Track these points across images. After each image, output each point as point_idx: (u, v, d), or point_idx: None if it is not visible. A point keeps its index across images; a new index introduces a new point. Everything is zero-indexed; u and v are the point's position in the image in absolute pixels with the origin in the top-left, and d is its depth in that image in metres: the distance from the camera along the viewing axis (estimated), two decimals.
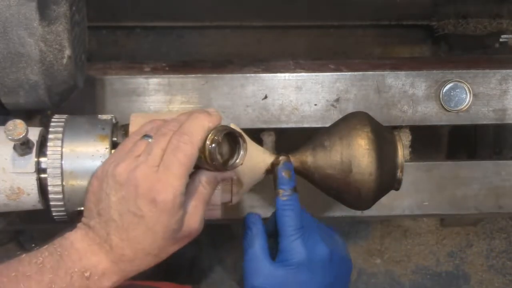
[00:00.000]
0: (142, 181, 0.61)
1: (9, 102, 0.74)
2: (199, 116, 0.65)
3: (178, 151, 0.62)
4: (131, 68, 0.96)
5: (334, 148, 0.74)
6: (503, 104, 0.98)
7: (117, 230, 0.62)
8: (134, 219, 0.61)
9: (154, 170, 0.61)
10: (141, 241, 0.62)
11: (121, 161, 0.63)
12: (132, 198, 0.61)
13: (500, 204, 1.00)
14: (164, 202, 0.60)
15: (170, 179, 0.61)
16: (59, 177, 0.69)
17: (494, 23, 1.36)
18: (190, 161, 0.62)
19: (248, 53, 1.54)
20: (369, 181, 0.73)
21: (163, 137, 0.64)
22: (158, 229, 0.62)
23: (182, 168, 0.61)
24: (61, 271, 0.61)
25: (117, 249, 0.62)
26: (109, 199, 0.63)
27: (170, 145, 0.62)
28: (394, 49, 1.61)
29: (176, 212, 0.62)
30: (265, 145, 0.95)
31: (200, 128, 0.64)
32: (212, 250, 1.66)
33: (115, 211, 0.62)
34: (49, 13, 0.69)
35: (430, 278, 1.74)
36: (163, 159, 0.62)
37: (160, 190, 0.60)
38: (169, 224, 0.62)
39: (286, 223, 0.71)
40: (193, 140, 0.62)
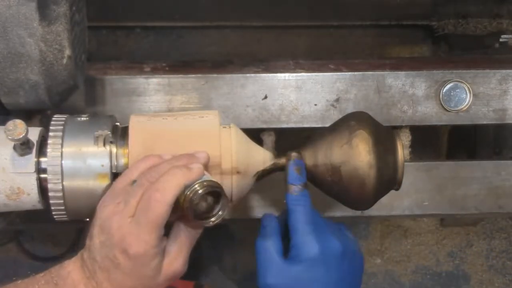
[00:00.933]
0: (116, 232, 0.63)
1: (9, 102, 0.74)
2: (176, 173, 0.65)
3: (148, 209, 0.63)
4: (131, 68, 0.96)
5: (334, 148, 0.74)
6: (503, 104, 0.98)
7: (100, 270, 0.64)
8: (112, 264, 0.63)
9: (127, 222, 0.63)
10: (122, 284, 0.64)
11: (108, 204, 0.65)
12: (109, 245, 0.63)
13: (500, 204, 0.99)
14: (136, 254, 0.62)
15: (140, 233, 0.62)
16: (59, 177, 0.69)
17: (494, 23, 1.36)
18: (160, 218, 0.63)
19: (248, 53, 1.54)
20: (369, 181, 0.73)
21: (140, 188, 0.64)
22: (135, 276, 0.64)
23: (152, 224, 0.63)
24: None
25: (102, 286, 0.64)
26: (95, 241, 0.65)
27: (142, 201, 0.63)
28: (394, 49, 1.61)
29: (149, 262, 0.64)
30: (265, 145, 0.95)
31: (174, 186, 0.64)
32: (212, 250, 1.66)
33: (98, 253, 0.64)
34: (49, 13, 0.69)
35: (430, 278, 1.74)
36: (137, 213, 0.63)
37: (131, 243, 0.62)
38: (144, 272, 0.64)
39: (297, 219, 0.71)
40: (165, 199, 0.63)
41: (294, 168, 0.74)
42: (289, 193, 0.73)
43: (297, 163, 0.75)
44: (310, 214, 0.72)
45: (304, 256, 0.69)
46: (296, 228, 0.71)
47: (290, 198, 0.73)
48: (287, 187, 0.73)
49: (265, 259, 0.71)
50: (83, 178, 0.70)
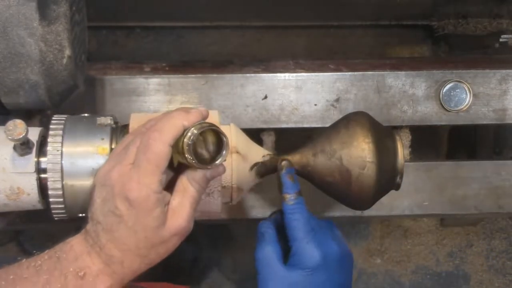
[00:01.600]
0: (116, 181, 0.62)
1: (9, 102, 0.74)
2: (174, 114, 0.64)
3: (147, 149, 0.61)
4: (131, 68, 0.96)
5: (334, 148, 0.74)
6: (503, 104, 0.98)
7: (103, 231, 0.63)
8: (115, 219, 0.62)
9: (127, 169, 0.62)
10: (126, 242, 0.62)
11: (107, 162, 0.65)
12: (111, 198, 0.62)
13: (500, 204, 1.00)
14: (138, 200, 0.61)
15: (141, 177, 0.61)
16: (59, 177, 0.69)
17: (494, 23, 1.35)
18: (159, 158, 0.61)
19: (248, 53, 1.54)
20: (369, 181, 0.73)
21: (140, 136, 0.64)
22: (138, 227, 0.62)
23: (151, 165, 0.61)
24: (57, 271, 0.62)
25: (106, 250, 0.63)
26: (96, 202, 0.64)
27: (141, 143, 0.62)
28: (394, 49, 1.61)
29: (153, 210, 0.62)
30: (265, 145, 0.95)
31: (172, 126, 0.63)
32: (212, 251, 1.66)
33: (100, 213, 0.63)
34: (49, 13, 0.69)
35: (430, 278, 1.74)
36: (136, 158, 0.62)
37: (132, 188, 0.61)
38: (147, 221, 0.62)
39: (296, 227, 0.71)
40: (163, 138, 0.62)
41: (288, 176, 0.74)
42: (286, 203, 0.73)
43: (289, 171, 0.75)
44: (308, 221, 0.72)
45: (306, 264, 0.70)
46: (295, 237, 0.71)
47: (288, 207, 0.72)
48: (282, 197, 0.73)
49: (267, 266, 0.70)
50: (83, 177, 0.70)
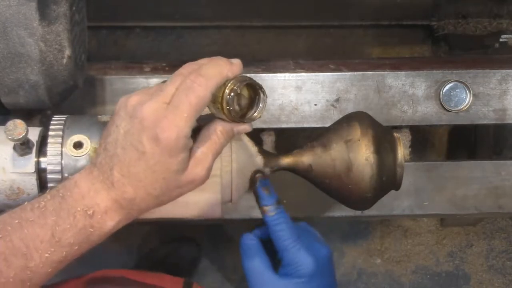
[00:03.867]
0: (148, 116, 0.58)
1: (9, 102, 0.74)
2: (220, 62, 0.62)
3: (190, 91, 0.59)
4: (131, 68, 0.96)
5: (334, 148, 0.74)
6: (503, 104, 0.98)
7: (119, 165, 0.60)
8: (136, 155, 0.59)
9: (162, 107, 0.59)
10: (142, 179, 0.60)
11: (134, 94, 0.61)
12: (136, 132, 0.59)
13: (500, 204, 0.99)
14: (167, 140, 0.58)
15: (176, 118, 0.58)
16: (59, 177, 0.69)
17: (494, 23, 1.36)
18: (200, 103, 0.59)
19: (248, 53, 1.54)
20: (369, 181, 0.73)
21: (179, 76, 0.61)
22: (159, 168, 0.59)
23: (190, 109, 0.59)
24: (64, 212, 0.59)
25: (118, 185, 0.60)
26: (118, 132, 0.60)
27: (183, 85, 0.59)
28: (394, 49, 1.61)
29: (178, 154, 0.59)
30: (265, 145, 0.95)
31: (218, 73, 0.61)
32: (212, 250, 1.66)
33: (119, 145, 0.60)
34: (49, 13, 0.69)
35: (430, 278, 1.74)
36: (174, 98, 0.59)
37: (164, 127, 0.58)
38: (170, 164, 0.59)
39: (282, 237, 0.70)
40: (208, 83, 0.60)
41: (263, 189, 0.73)
42: (267, 215, 0.71)
43: (263, 183, 0.73)
44: (293, 229, 0.71)
45: (302, 273, 0.69)
46: (285, 247, 0.70)
47: (270, 219, 0.71)
48: (261, 210, 0.72)
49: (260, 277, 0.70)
50: None
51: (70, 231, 0.59)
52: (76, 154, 0.70)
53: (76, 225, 0.59)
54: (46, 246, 0.58)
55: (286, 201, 0.96)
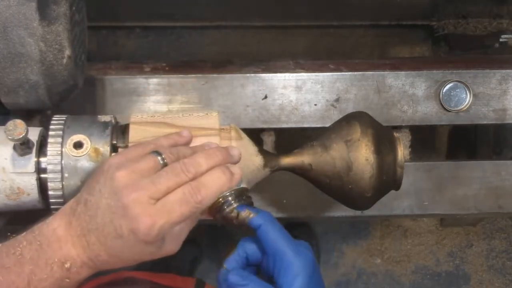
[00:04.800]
0: (133, 207, 0.58)
1: (9, 102, 0.74)
2: (222, 177, 0.62)
3: (186, 205, 0.59)
4: (131, 68, 0.96)
5: (334, 148, 0.74)
6: (503, 104, 0.98)
7: (97, 232, 0.60)
8: (114, 233, 0.60)
9: (151, 203, 0.59)
10: (117, 253, 0.61)
11: (124, 168, 0.60)
12: (118, 215, 0.59)
13: (500, 204, 0.99)
14: (145, 236, 0.59)
15: (162, 221, 0.58)
16: (59, 177, 0.69)
17: (494, 23, 1.36)
18: (192, 215, 0.61)
19: (248, 53, 1.55)
20: (369, 181, 0.73)
21: (176, 177, 0.60)
22: (136, 251, 0.61)
23: (180, 219, 0.60)
24: (41, 261, 0.60)
25: (93, 248, 0.61)
26: (100, 199, 0.60)
27: (180, 193, 0.60)
28: (394, 49, 1.61)
29: (155, 244, 0.61)
30: (265, 145, 0.95)
31: (217, 191, 0.61)
32: (212, 251, 1.66)
33: (100, 214, 0.60)
34: (49, 13, 0.69)
35: (430, 278, 1.74)
36: (167, 200, 0.59)
37: (147, 225, 0.58)
38: (145, 250, 0.61)
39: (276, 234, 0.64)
40: (204, 202, 0.60)
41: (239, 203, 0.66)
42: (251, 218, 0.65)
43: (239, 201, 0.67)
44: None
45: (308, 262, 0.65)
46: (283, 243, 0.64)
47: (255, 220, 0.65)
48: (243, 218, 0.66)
49: None
50: (83, 178, 0.70)
51: (46, 281, 0.60)
52: (76, 154, 0.70)
53: (53, 276, 0.60)
54: None
55: (286, 201, 0.96)
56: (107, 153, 0.71)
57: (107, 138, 0.72)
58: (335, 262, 1.71)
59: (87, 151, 0.70)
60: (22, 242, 0.61)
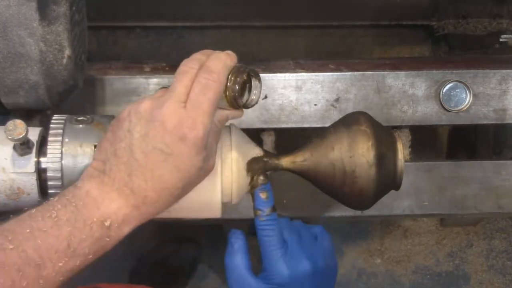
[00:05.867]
0: (170, 118, 0.59)
1: (9, 102, 0.74)
2: (221, 56, 0.64)
3: (206, 88, 0.60)
4: (131, 68, 0.96)
5: (334, 148, 0.74)
6: (503, 104, 0.98)
7: (140, 170, 0.59)
8: (161, 157, 0.59)
9: (181, 106, 0.59)
10: (167, 180, 0.60)
11: (144, 100, 0.61)
12: (158, 135, 0.59)
13: (500, 204, 0.99)
14: (195, 138, 0.59)
15: (200, 116, 0.59)
16: (59, 177, 0.69)
17: (494, 23, 1.36)
18: (217, 98, 0.61)
19: (248, 53, 1.54)
20: (369, 181, 0.73)
21: (185, 74, 0.61)
22: (185, 167, 0.60)
23: (212, 106, 0.60)
24: (79, 222, 0.59)
25: (139, 191, 0.60)
26: (132, 137, 0.60)
27: (197, 83, 0.61)
28: (394, 49, 1.61)
29: (203, 150, 0.61)
30: (265, 145, 0.95)
31: (224, 66, 0.63)
32: (212, 251, 1.66)
33: (137, 149, 0.59)
34: (49, 13, 0.69)
35: (430, 278, 1.74)
36: (191, 97, 0.60)
37: (191, 127, 0.59)
38: (196, 161, 0.60)
39: (266, 243, 0.70)
40: (220, 78, 0.61)
41: (260, 193, 0.73)
42: (257, 218, 0.72)
43: (263, 188, 0.74)
44: (279, 238, 0.71)
45: (273, 281, 0.69)
46: (266, 253, 0.70)
47: (258, 223, 0.72)
48: (254, 212, 0.73)
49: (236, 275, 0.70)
50: None
51: (86, 242, 0.59)
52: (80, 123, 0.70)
53: (93, 236, 0.59)
54: (60, 256, 0.58)
55: (286, 201, 0.96)
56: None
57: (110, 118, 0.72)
58: None
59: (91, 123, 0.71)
60: (56, 206, 0.59)
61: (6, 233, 0.57)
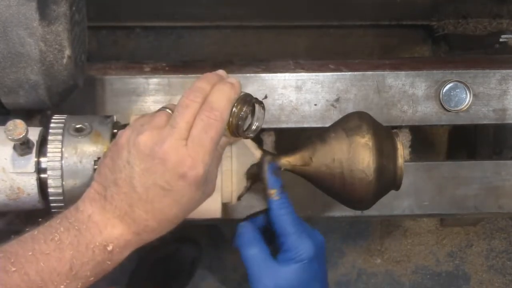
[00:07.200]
0: (171, 156, 0.59)
1: (9, 102, 0.74)
2: (224, 88, 0.63)
3: (209, 128, 0.60)
4: (131, 68, 0.96)
5: (334, 148, 0.74)
6: (503, 104, 0.98)
7: (141, 203, 0.60)
8: (161, 192, 0.60)
9: (182, 144, 0.59)
10: (167, 212, 0.61)
11: (143, 131, 0.61)
12: (159, 172, 0.59)
13: (500, 204, 0.99)
14: (195, 177, 0.59)
15: (201, 155, 0.59)
16: (59, 177, 0.69)
17: (494, 23, 1.36)
18: (220, 136, 0.62)
19: (248, 53, 1.54)
20: (369, 181, 0.73)
21: (187, 109, 0.61)
22: (185, 201, 0.61)
23: (213, 144, 0.60)
24: (82, 246, 0.59)
25: (140, 220, 0.61)
26: (132, 170, 0.60)
27: (199, 121, 0.60)
28: (394, 49, 1.61)
29: (203, 185, 0.62)
30: (265, 145, 0.95)
31: (227, 102, 0.62)
32: (212, 250, 1.66)
33: (138, 183, 0.60)
34: (49, 13, 0.69)
35: (430, 278, 1.74)
36: (193, 134, 0.60)
37: (191, 166, 0.59)
38: (196, 195, 0.61)
39: (286, 222, 0.71)
40: (223, 116, 0.61)
41: (272, 172, 0.74)
42: (272, 199, 0.72)
43: (273, 166, 0.74)
44: (295, 215, 0.72)
45: (302, 257, 0.69)
46: (287, 231, 0.70)
47: (274, 203, 0.72)
48: (268, 193, 0.73)
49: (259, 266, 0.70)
50: (83, 177, 0.70)
51: (88, 265, 0.60)
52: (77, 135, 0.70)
53: (95, 259, 0.60)
54: (62, 278, 0.59)
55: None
56: (107, 139, 0.71)
57: (108, 125, 0.72)
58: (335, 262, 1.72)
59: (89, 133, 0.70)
60: (59, 228, 0.60)
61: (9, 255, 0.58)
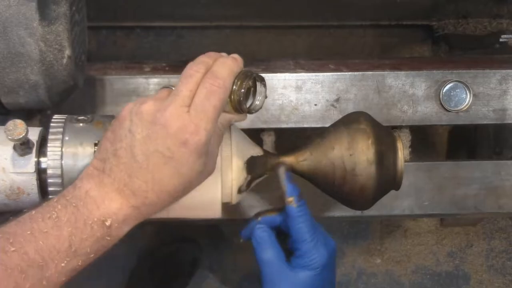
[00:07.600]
0: (173, 122, 0.59)
1: (9, 102, 0.74)
2: (227, 61, 0.63)
3: (212, 95, 0.60)
4: (131, 68, 0.96)
5: (334, 148, 0.74)
6: (503, 104, 0.98)
7: (141, 172, 0.60)
8: (162, 160, 0.59)
9: (184, 111, 0.59)
10: (167, 183, 0.60)
11: (146, 101, 0.61)
12: (160, 138, 0.59)
13: (500, 204, 1.00)
14: (197, 144, 0.59)
15: (203, 122, 0.59)
16: (59, 177, 0.69)
17: (494, 23, 1.36)
18: (222, 104, 0.61)
19: (248, 53, 1.54)
20: (369, 181, 0.73)
21: (190, 78, 0.61)
22: (185, 171, 0.60)
23: (216, 112, 0.60)
24: (80, 222, 0.59)
25: (139, 192, 0.60)
26: (133, 137, 0.60)
27: (203, 89, 0.60)
28: (394, 49, 1.61)
29: (205, 155, 0.61)
30: (265, 145, 0.95)
31: (230, 73, 0.62)
32: (212, 250, 1.66)
33: (138, 151, 0.59)
34: (49, 13, 0.69)
35: (430, 278, 1.74)
36: (196, 102, 0.60)
37: (193, 132, 0.59)
38: (197, 166, 0.61)
39: (303, 229, 0.71)
40: (226, 84, 0.61)
41: (290, 180, 0.74)
42: (291, 206, 0.72)
43: (289, 175, 0.75)
44: (312, 222, 0.73)
45: (316, 264, 0.70)
46: (303, 238, 0.71)
47: (293, 210, 0.72)
48: (287, 200, 0.73)
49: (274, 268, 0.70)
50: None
51: (87, 241, 0.59)
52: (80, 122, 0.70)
53: (94, 235, 0.59)
54: (62, 256, 0.58)
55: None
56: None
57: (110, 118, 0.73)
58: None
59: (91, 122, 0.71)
60: (56, 206, 0.60)
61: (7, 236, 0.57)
